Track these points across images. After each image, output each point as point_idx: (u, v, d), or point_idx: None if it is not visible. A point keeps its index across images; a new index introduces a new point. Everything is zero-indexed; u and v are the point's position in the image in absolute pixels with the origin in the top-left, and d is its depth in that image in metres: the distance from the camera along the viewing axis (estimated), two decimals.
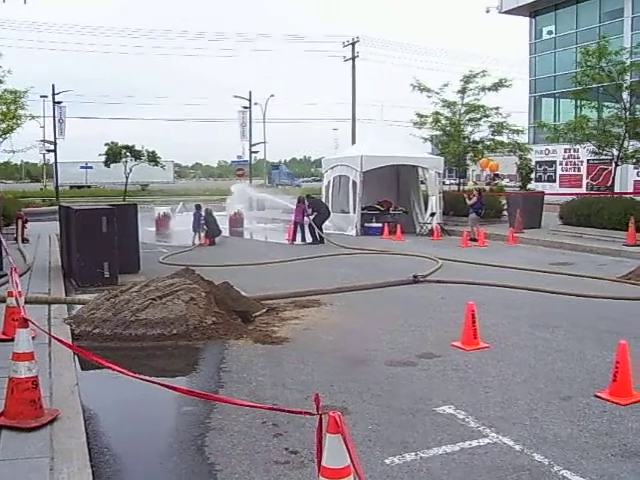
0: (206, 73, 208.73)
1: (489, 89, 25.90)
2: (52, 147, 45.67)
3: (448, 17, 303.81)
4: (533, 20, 39.26)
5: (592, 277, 12.38)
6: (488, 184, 45.52)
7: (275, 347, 7.52)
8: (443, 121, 26.31)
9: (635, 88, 20.04)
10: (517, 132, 26.50)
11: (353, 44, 44.36)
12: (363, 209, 21.98)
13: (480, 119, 26.05)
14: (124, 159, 40.59)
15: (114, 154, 40.71)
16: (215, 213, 20.46)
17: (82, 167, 63.58)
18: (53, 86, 44.47)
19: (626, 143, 20.34)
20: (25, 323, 4.93)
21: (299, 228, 20.16)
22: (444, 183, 27.23)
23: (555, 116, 37.47)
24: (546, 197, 23.14)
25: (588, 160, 31.88)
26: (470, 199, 20.25)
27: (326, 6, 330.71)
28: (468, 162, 28.82)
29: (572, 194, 24.50)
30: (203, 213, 19.82)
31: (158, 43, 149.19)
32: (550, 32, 38.70)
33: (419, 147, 26.48)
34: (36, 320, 5.65)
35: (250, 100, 45.74)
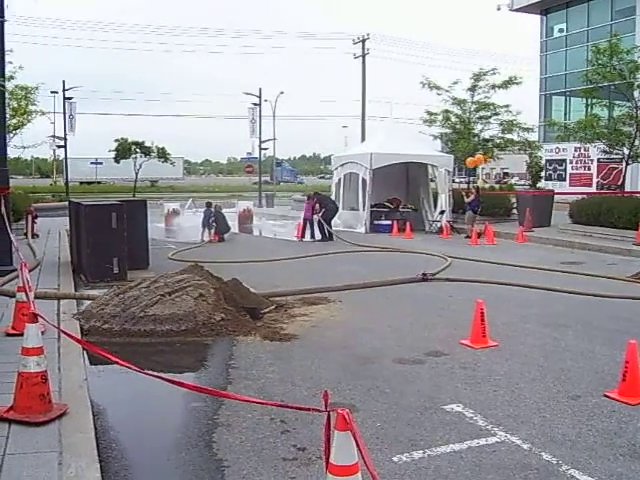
0: (215, 70, 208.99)
1: (499, 87, 25.80)
2: (62, 143, 45.78)
3: (459, 15, 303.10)
4: (544, 18, 39.02)
5: (602, 276, 12.31)
6: (498, 182, 45.51)
7: (283, 344, 7.53)
8: (453, 119, 26.22)
9: None
10: (527, 130, 26.41)
11: (363, 41, 44.22)
12: (372, 206, 21.97)
13: (490, 117, 25.96)
14: (134, 155, 40.73)
15: (124, 150, 40.84)
16: (224, 210, 20.49)
17: (92, 163, 63.94)
18: (63, 82, 44.53)
19: (637, 142, 20.19)
20: (34, 318, 4.95)
21: (308, 225, 20.14)
22: (454, 181, 27.18)
23: (565, 114, 37.25)
24: (556, 196, 23.09)
25: (598, 159, 31.67)
26: (468, 197, 20.55)
27: (336, 4, 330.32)
28: None
29: (582, 193, 24.37)
30: (213, 210, 19.84)
31: (167, 40, 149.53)
32: (561, 30, 38.44)
33: (429, 145, 26.40)
34: (45, 315, 5.67)
35: (260, 97, 45.54)
